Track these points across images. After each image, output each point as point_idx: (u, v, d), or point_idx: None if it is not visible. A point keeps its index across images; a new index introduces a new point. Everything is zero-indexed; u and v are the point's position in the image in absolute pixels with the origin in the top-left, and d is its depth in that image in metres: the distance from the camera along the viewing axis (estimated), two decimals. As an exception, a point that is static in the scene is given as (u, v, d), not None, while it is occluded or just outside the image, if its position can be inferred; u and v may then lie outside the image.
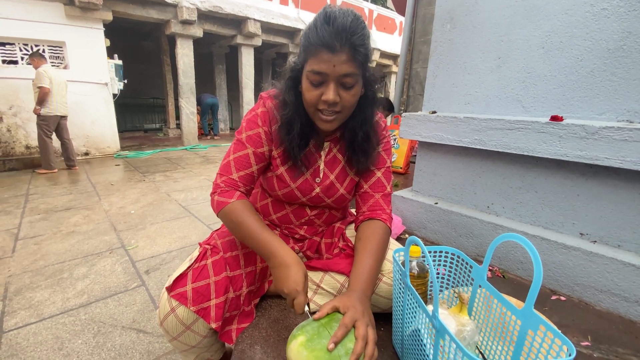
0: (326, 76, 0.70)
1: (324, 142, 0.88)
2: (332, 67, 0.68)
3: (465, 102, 1.43)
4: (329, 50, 0.67)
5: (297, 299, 0.67)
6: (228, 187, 0.81)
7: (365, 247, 0.79)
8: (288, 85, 0.80)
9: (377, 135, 0.88)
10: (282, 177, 0.86)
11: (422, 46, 3.58)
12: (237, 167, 0.82)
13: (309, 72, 0.71)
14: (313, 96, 0.73)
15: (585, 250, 1.07)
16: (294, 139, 0.80)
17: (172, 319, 0.72)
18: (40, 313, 1.58)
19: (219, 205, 0.79)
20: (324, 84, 0.71)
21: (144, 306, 1.65)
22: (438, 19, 1.50)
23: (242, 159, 0.82)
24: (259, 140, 0.83)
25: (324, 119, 0.76)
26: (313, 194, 0.88)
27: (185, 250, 2.27)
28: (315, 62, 0.69)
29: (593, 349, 0.86)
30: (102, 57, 5.59)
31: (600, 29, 1.05)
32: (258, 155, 0.83)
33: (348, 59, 0.68)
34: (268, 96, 0.86)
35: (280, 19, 7.70)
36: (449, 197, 1.52)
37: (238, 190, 0.81)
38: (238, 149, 0.83)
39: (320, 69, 0.69)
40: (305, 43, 0.72)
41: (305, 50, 0.72)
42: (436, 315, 0.55)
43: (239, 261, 0.83)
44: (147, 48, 9.86)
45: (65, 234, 2.49)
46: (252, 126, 0.84)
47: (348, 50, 0.67)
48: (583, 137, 1.02)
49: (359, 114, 0.82)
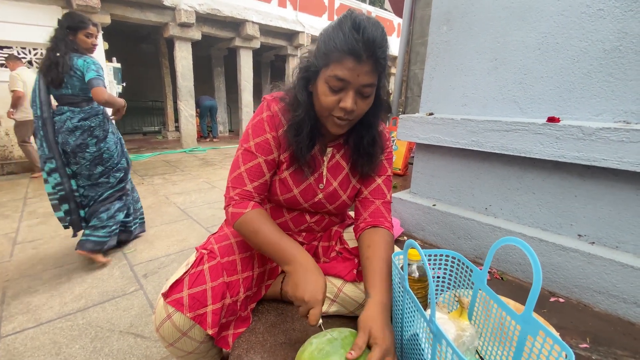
0: (348, 84, 0.69)
1: (327, 148, 0.88)
2: (355, 76, 0.68)
3: (462, 104, 1.43)
4: (355, 59, 0.66)
5: (315, 309, 0.65)
6: (242, 198, 0.80)
7: (378, 254, 0.76)
8: (301, 85, 0.78)
9: (382, 140, 0.88)
10: (286, 181, 0.85)
11: (420, 48, 3.59)
12: (250, 179, 0.81)
13: (330, 76, 0.70)
14: (330, 101, 0.72)
15: (583, 252, 1.07)
16: (302, 140, 0.79)
17: (168, 325, 0.72)
18: (37, 318, 1.58)
19: (234, 217, 0.78)
20: (342, 90, 0.71)
21: (142, 310, 1.64)
22: (434, 21, 1.50)
23: (254, 169, 0.81)
24: (268, 147, 0.82)
25: (337, 124, 0.76)
26: (316, 200, 0.88)
27: (183, 253, 2.26)
28: (339, 68, 0.68)
29: (592, 351, 0.85)
30: (101, 61, 5.59)
31: (597, 29, 1.05)
32: (269, 163, 0.83)
33: (371, 70, 0.69)
34: (272, 99, 0.85)
35: (279, 21, 7.72)
36: (447, 198, 1.52)
37: (252, 200, 0.81)
38: (248, 159, 0.81)
39: (344, 76, 0.68)
40: (328, 47, 0.70)
41: (327, 53, 0.70)
42: (433, 319, 0.54)
43: (236, 266, 0.83)
44: (146, 51, 9.87)
45: (63, 238, 2.48)
46: (260, 132, 0.82)
47: (373, 62, 0.68)
48: (580, 138, 1.02)
49: (366, 118, 0.81)
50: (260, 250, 0.77)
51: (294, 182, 0.85)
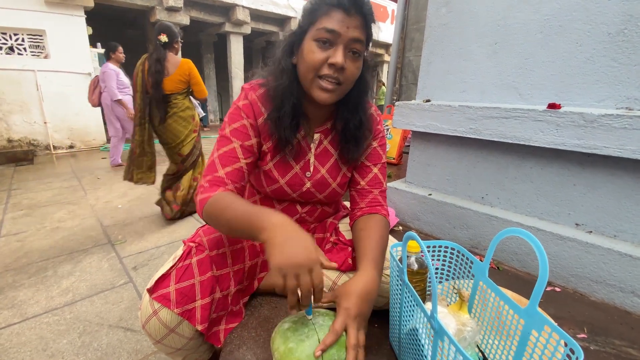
0: (337, 36, 0.67)
1: (314, 134, 0.84)
2: (345, 28, 0.66)
3: (461, 90, 1.39)
4: (344, 11, 0.66)
5: (315, 269, 0.55)
6: (212, 185, 0.72)
7: (371, 235, 0.75)
8: (286, 52, 0.75)
9: (370, 123, 0.85)
10: (270, 172, 0.82)
11: (415, 34, 3.51)
12: (222, 164, 0.74)
13: (319, 29, 0.67)
14: (318, 59, 0.68)
15: (581, 241, 1.05)
16: (285, 117, 0.75)
17: (154, 322, 0.68)
18: (23, 313, 1.53)
19: (202, 203, 0.69)
20: (331, 47, 0.68)
21: (132, 303, 1.60)
22: (432, 3, 1.45)
23: (227, 154, 0.75)
24: (245, 132, 0.77)
25: (324, 87, 0.70)
26: (304, 189, 0.84)
27: (174, 245, 2.22)
28: (327, 20, 0.67)
29: (589, 341, 0.85)
30: (85, 46, 5.38)
31: (601, 12, 1.01)
32: (246, 148, 0.77)
33: (360, 25, 0.68)
34: (250, 87, 0.81)
35: (270, 6, 7.51)
36: (443, 188, 1.50)
37: (224, 187, 0.72)
38: (222, 144, 0.76)
39: (333, 27, 0.66)
40: (314, 3, 0.69)
41: (313, 10, 0.69)
42: (435, 316, 0.51)
43: (226, 259, 0.79)
44: (132, 36, 9.53)
45: (49, 230, 2.41)
46: (236, 118, 0.78)
47: (361, 18, 0.67)
48: (581, 125, 0.99)
49: (352, 100, 0.78)
50: (231, 230, 0.66)
51: (279, 172, 0.82)
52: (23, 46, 4.93)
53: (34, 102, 5.03)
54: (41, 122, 5.13)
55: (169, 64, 2.36)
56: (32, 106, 5.04)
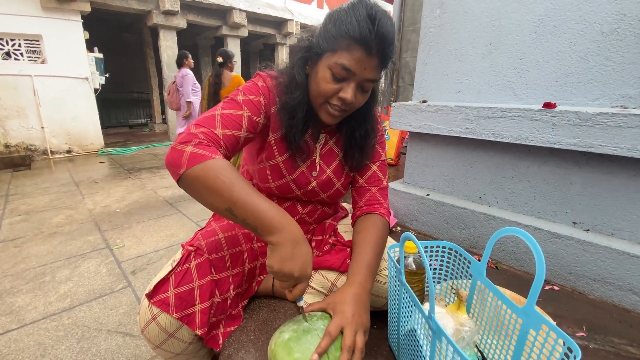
0: (352, 75, 0.66)
1: (319, 134, 0.84)
2: (362, 68, 0.65)
3: (456, 91, 1.40)
4: (365, 51, 0.64)
5: (302, 284, 0.62)
6: (209, 140, 0.63)
7: (365, 238, 0.76)
8: (300, 65, 0.73)
9: (375, 132, 0.85)
10: (278, 167, 0.81)
11: (411, 35, 3.53)
12: (223, 124, 0.67)
13: (336, 64, 0.66)
14: (330, 89, 0.68)
15: (578, 239, 1.06)
16: (296, 124, 0.75)
17: (153, 327, 0.68)
18: (21, 319, 1.52)
19: (195, 158, 0.58)
20: (344, 80, 0.68)
21: (130, 308, 1.59)
22: (427, 4, 1.45)
23: (232, 118, 0.69)
24: (258, 108, 0.74)
25: (330, 113, 0.72)
26: (309, 188, 0.84)
27: (172, 249, 2.21)
28: (346, 57, 0.65)
29: (588, 340, 0.85)
30: (82, 51, 5.37)
31: (594, 11, 1.01)
32: (252, 123, 0.73)
33: (377, 65, 0.66)
34: (267, 74, 0.79)
35: (267, 8, 7.52)
36: (441, 188, 1.50)
37: (221, 150, 0.65)
38: (231, 106, 0.70)
39: (350, 66, 0.65)
40: (339, 31, 0.65)
41: (337, 38, 0.65)
42: (432, 316, 0.52)
43: (225, 263, 0.79)
44: (129, 40, 9.55)
45: (47, 235, 2.40)
46: (253, 92, 0.74)
47: (381, 58, 0.66)
48: (576, 124, 1.00)
49: (360, 111, 0.78)
50: (223, 211, 0.60)
51: (287, 169, 0.82)
52: (20, 51, 4.92)
53: (31, 107, 5.02)
54: (38, 127, 5.12)
55: (224, 78, 3.27)
56: (29, 111, 5.02)
